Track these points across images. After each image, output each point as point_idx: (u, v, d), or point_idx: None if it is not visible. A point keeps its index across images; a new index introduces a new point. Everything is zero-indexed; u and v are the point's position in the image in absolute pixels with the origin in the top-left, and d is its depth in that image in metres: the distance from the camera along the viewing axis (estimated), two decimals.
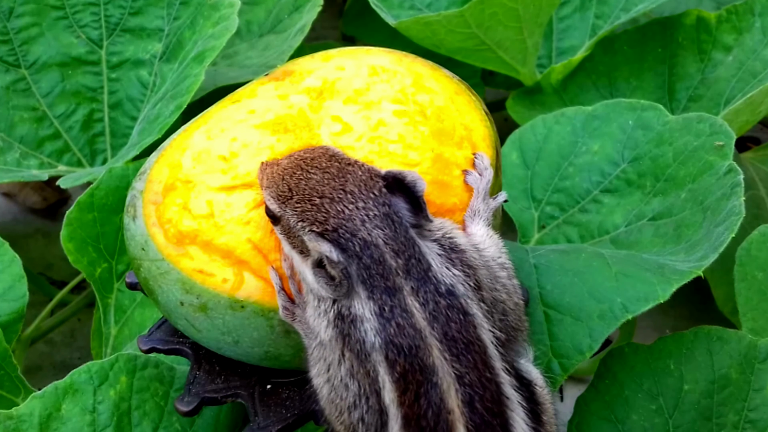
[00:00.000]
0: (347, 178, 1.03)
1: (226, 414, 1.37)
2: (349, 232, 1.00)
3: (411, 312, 1.00)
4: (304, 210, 1.03)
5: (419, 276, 1.00)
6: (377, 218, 1.01)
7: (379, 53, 1.31)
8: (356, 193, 1.02)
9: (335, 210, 1.01)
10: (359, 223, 1.00)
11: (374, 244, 1.00)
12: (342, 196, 1.02)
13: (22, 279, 1.56)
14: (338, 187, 1.03)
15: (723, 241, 1.31)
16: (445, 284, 1.01)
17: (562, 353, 1.32)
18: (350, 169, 1.05)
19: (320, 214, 1.02)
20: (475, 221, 1.16)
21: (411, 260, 1.00)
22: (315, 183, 1.04)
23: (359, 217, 1.01)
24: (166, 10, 1.84)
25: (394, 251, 1.00)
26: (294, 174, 1.06)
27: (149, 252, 1.18)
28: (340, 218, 1.01)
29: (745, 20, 1.82)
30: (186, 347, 1.27)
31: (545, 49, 1.99)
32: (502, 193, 1.21)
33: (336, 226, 1.01)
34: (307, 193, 1.03)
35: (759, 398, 1.34)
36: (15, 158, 1.82)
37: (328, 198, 1.02)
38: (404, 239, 1.01)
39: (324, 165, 1.05)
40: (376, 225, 1.00)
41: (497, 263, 1.12)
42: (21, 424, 1.32)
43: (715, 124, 1.50)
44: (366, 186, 1.03)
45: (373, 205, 1.01)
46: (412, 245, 1.01)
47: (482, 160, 1.19)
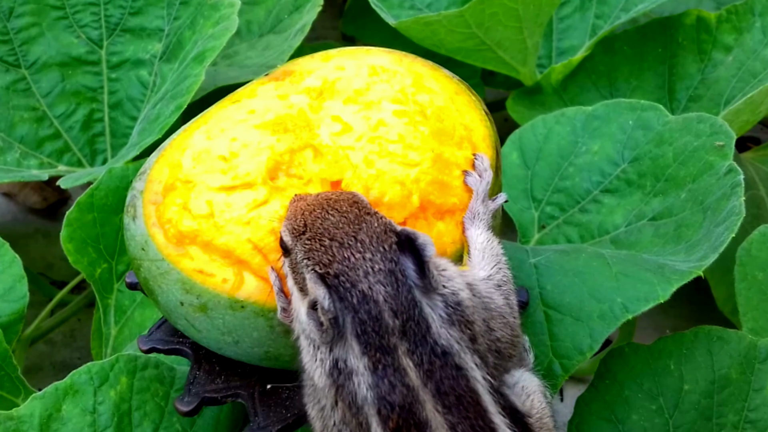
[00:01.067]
0: (362, 226, 1.01)
1: (226, 414, 1.37)
2: (350, 281, 0.98)
3: (405, 371, 0.98)
4: (312, 248, 1.01)
5: (416, 338, 0.99)
6: (381, 273, 0.99)
7: (379, 53, 1.31)
8: (366, 243, 1.00)
9: (342, 255, 1.00)
10: (362, 274, 0.98)
11: (374, 299, 0.98)
12: (352, 243, 1.00)
13: (23, 279, 1.56)
14: (350, 233, 1.01)
15: (723, 241, 1.31)
16: (442, 346, 0.99)
17: (563, 353, 1.32)
18: (367, 218, 1.03)
19: (326, 256, 1.00)
20: (475, 224, 1.16)
21: (409, 322, 0.98)
22: (329, 224, 1.02)
23: (363, 268, 0.99)
24: (166, 10, 1.84)
25: (393, 311, 0.98)
26: (313, 212, 1.04)
27: (149, 252, 1.18)
28: (345, 265, 0.99)
29: (745, 20, 1.82)
30: (186, 347, 1.27)
31: (545, 49, 1.99)
32: (502, 194, 1.21)
33: (338, 272, 0.99)
34: (319, 233, 1.02)
35: (759, 398, 1.34)
36: (15, 158, 1.82)
37: (337, 242, 1.00)
38: (405, 300, 0.98)
39: (344, 209, 1.04)
40: (379, 280, 0.98)
41: (497, 294, 1.10)
42: (21, 424, 1.32)
43: (716, 124, 1.50)
44: (378, 238, 1.00)
45: (381, 259, 0.99)
46: (413, 307, 0.99)
47: (482, 162, 1.19)
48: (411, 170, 1.17)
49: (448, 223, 1.17)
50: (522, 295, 1.35)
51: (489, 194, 1.19)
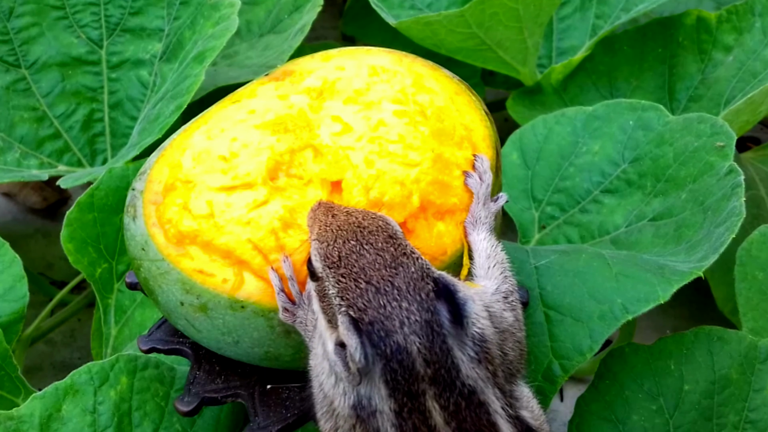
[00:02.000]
0: (399, 271, 0.99)
1: (226, 414, 1.37)
2: (384, 331, 0.96)
3: (429, 413, 0.98)
4: (347, 288, 0.99)
5: (446, 383, 0.98)
6: (417, 324, 0.96)
7: (379, 53, 1.31)
8: (403, 291, 0.97)
9: (378, 303, 0.97)
10: (398, 325, 0.96)
11: (407, 350, 0.96)
12: (388, 289, 0.97)
13: (23, 279, 1.56)
14: (387, 277, 0.98)
15: (723, 242, 1.31)
16: (469, 387, 0.99)
17: (563, 354, 1.32)
18: (404, 261, 1.00)
19: (362, 300, 0.98)
20: (477, 228, 1.16)
21: (441, 370, 0.97)
22: (365, 263, 0.99)
23: (399, 318, 0.96)
24: (166, 10, 1.84)
25: (426, 361, 0.96)
26: (347, 242, 1.01)
27: (149, 252, 1.18)
28: (380, 313, 0.97)
29: (745, 20, 1.82)
30: (186, 347, 1.27)
31: (545, 49, 1.99)
32: (503, 195, 1.20)
33: (373, 319, 0.97)
34: (355, 271, 0.99)
35: (759, 398, 1.34)
36: (15, 158, 1.82)
37: (374, 287, 0.98)
38: (439, 350, 0.97)
39: (380, 246, 1.01)
40: (414, 331, 0.96)
41: (507, 310, 1.10)
42: (22, 424, 1.32)
43: (716, 124, 1.50)
44: (415, 286, 0.98)
45: (417, 309, 0.97)
46: (446, 355, 0.98)
47: (482, 163, 1.19)
48: (411, 170, 1.17)
49: (448, 223, 1.17)
50: (522, 295, 1.35)
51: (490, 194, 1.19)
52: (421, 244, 1.15)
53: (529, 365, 1.32)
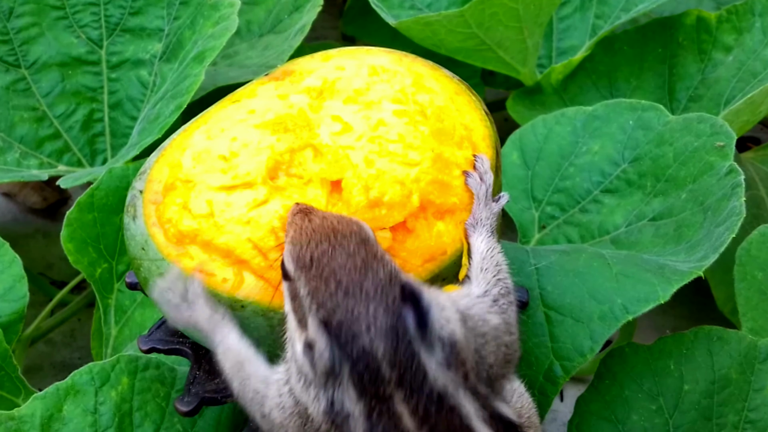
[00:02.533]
0: (368, 275, 1.00)
1: (227, 415, 1.37)
2: (351, 333, 0.97)
3: (399, 417, 0.99)
4: (318, 289, 1.00)
5: (413, 386, 0.99)
6: (382, 328, 0.97)
7: (379, 53, 1.31)
8: (371, 296, 0.99)
9: (346, 306, 0.98)
10: (364, 328, 0.97)
11: (372, 354, 0.97)
12: (357, 292, 0.99)
13: (23, 279, 1.56)
14: (357, 281, 0.99)
15: (723, 242, 1.31)
16: (438, 390, 1.00)
17: (563, 355, 1.32)
18: (374, 265, 1.01)
19: (331, 302, 0.99)
20: (478, 230, 1.15)
21: (407, 373, 0.98)
22: (336, 266, 1.00)
23: (366, 322, 0.98)
24: (166, 10, 1.84)
25: (391, 364, 0.98)
26: (320, 244, 1.02)
27: (149, 252, 1.18)
28: (348, 316, 0.98)
29: (745, 20, 1.82)
30: (186, 347, 1.27)
31: (545, 49, 1.99)
32: (504, 195, 1.20)
33: (341, 321, 0.98)
34: (325, 273, 1.00)
35: (759, 398, 1.34)
36: (15, 158, 1.82)
37: (343, 289, 0.99)
38: (404, 354, 0.98)
39: (351, 249, 1.02)
40: (379, 336, 0.97)
41: (492, 313, 1.10)
42: (22, 424, 1.32)
43: (716, 124, 1.50)
44: (383, 291, 0.99)
45: (383, 313, 0.98)
46: (412, 359, 0.99)
47: (482, 163, 1.19)
48: (411, 170, 1.17)
49: (448, 222, 1.17)
50: (522, 295, 1.35)
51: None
52: (421, 243, 1.15)
53: (530, 366, 1.32)
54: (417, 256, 1.15)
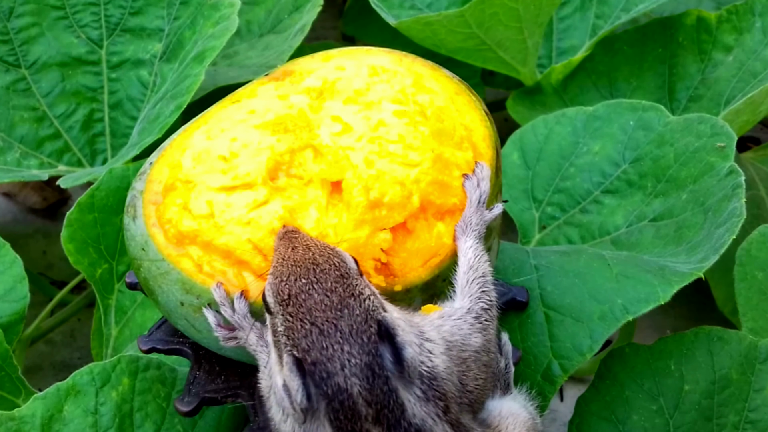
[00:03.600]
0: (343, 313, 1.01)
1: (227, 415, 1.37)
2: (326, 372, 0.98)
3: None
4: (294, 328, 1.01)
5: (390, 422, 0.99)
6: (357, 367, 0.98)
7: (379, 53, 1.31)
8: (345, 335, 0.99)
9: (320, 345, 0.99)
10: (339, 367, 0.98)
11: (348, 391, 0.98)
12: (332, 332, 0.99)
13: (24, 280, 1.56)
14: (332, 319, 1.00)
15: (724, 243, 1.31)
16: (415, 425, 1.00)
17: (563, 354, 1.32)
18: (350, 302, 1.01)
19: (306, 341, 1.00)
20: (466, 234, 1.15)
21: (384, 410, 0.99)
22: (312, 304, 1.01)
23: (340, 360, 0.98)
24: (166, 10, 1.84)
25: (367, 401, 0.98)
26: (299, 279, 1.03)
27: (149, 252, 1.18)
28: (323, 355, 0.99)
29: (745, 20, 1.82)
30: (186, 347, 1.27)
31: (545, 49, 1.99)
32: (499, 205, 1.20)
33: (315, 361, 0.99)
34: (302, 311, 1.01)
35: (759, 399, 1.34)
36: (15, 158, 1.82)
37: (318, 328, 1.00)
38: (381, 391, 0.99)
39: (329, 286, 1.02)
40: (355, 373, 0.98)
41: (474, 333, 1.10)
42: (23, 425, 1.32)
43: (717, 125, 1.50)
44: (358, 329, 1.00)
45: (358, 352, 0.99)
46: (388, 396, 0.99)
47: (482, 170, 1.18)
48: (411, 170, 1.17)
49: (448, 223, 1.17)
50: (522, 295, 1.35)
51: (489, 194, 1.19)
52: (421, 244, 1.15)
53: (528, 365, 1.32)
54: (417, 256, 1.15)
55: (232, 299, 1.12)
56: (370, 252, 1.13)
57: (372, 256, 1.13)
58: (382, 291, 1.11)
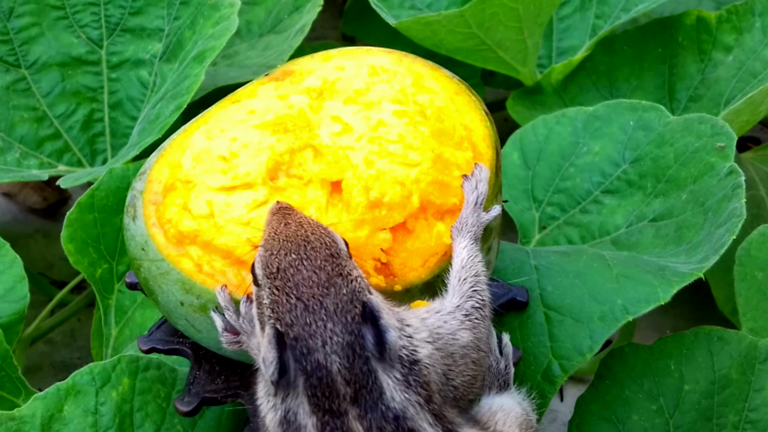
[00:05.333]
0: (330, 291, 1.01)
1: (228, 416, 1.37)
2: (306, 348, 0.99)
3: None
4: (279, 302, 1.01)
5: (368, 404, 1.00)
6: (338, 345, 0.99)
7: (379, 53, 1.31)
8: (330, 312, 1.00)
9: (304, 320, 0.99)
10: (320, 343, 0.99)
11: (327, 368, 0.98)
12: (317, 308, 1.00)
13: (24, 280, 1.56)
14: (318, 296, 1.00)
15: (724, 243, 1.31)
16: (394, 410, 1.00)
17: (563, 354, 1.32)
18: (337, 281, 1.02)
19: (290, 315, 1.00)
20: (462, 235, 1.15)
21: (362, 390, 0.99)
22: (300, 279, 1.01)
23: (322, 337, 0.99)
24: (166, 10, 1.84)
25: (346, 380, 0.99)
26: (289, 254, 1.03)
27: (149, 252, 1.18)
28: (305, 331, 0.99)
29: (745, 20, 1.82)
30: (186, 347, 1.27)
31: (545, 49, 1.99)
32: (496, 207, 1.19)
33: (297, 336, 0.99)
34: (289, 285, 1.01)
35: (759, 399, 1.34)
36: (15, 158, 1.82)
37: (303, 303, 1.00)
38: (360, 371, 0.99)
39: (318, 263, 1.02)
40: (335, 351, 0.99)
41: (463, 329, 1.10)
42: (23, 425, 1.32)
43: (717, 125, 1.50)
44: (342, 308, 1.00)
45: (341, 330, 0.99)
46: (367, 376, 1.00)
47: (480, 172, 1.18)
48: (411, 170, 1.17)
49: (448, 223, 1.17)
50: (522, 295, 1.35)
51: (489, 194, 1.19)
52: (421, 244, 1.15)
53: (528, 365, 1.32)
54: (417, 256, 1.15)
55: (236, 300, 1.13)
56: (370, 252, 1.13)
57: (372, 256, 1.13)
58: (381, 291, 1.11)
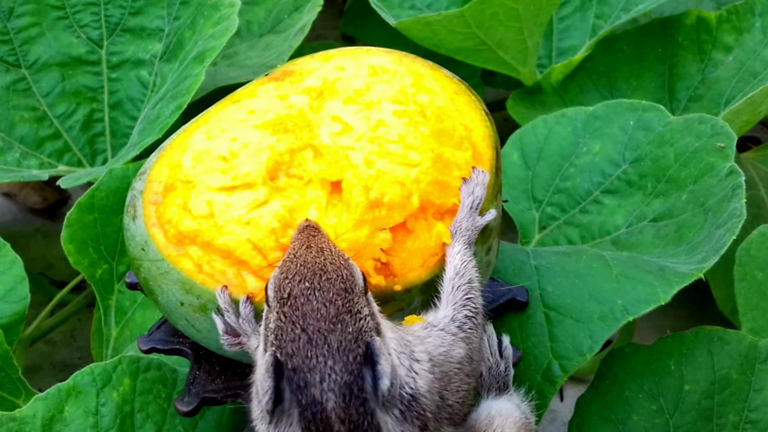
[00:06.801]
0: (336, 328, 1.00)
1: (228, 416, 1.37)
2: (304, 381, 0.98)
3: None
4: (283, 329, 1.00)
5: None
6: (336, 384, 0.98)
7: (379, 53, 1.31)
8: (332, 350, 0.99)
9: (305, 353, 0.99)
10: (318, 379, 0.98)
11: (321, 405, 0.98)
12: (320, 343, 0.99)
13: (24, 281, 1.56)
14: (323, 330, 0.99)
15: (724, 243, 1.31)
16: None
17: (563, 354, 1.32)
18: (345, 318, 1.00)
19: (292, 345, 0.99)
20: (455, 239, 1.15)
21: (356, 430, 0.99)
22: (309, 310, 1.00)
23: (321, 373, 0.98)
24: (167, 10, 1.84)
25: (341, 419, 0.98)
26: (303, 281, 1.02)
27: (149, 252, 1.18)
28: (305, 364, 0.98)
29: (745, 20, 1.82)
30: (186, 347, 1.27)
31: (545, 49, 1.99)
32: (492, 211, 1.19)
33: (296, 367, 0.98)
34: (296, 315, 1.00)
35: (759, 399, 1.34)
36: (15, 158, 1.82)
37: (307, 336, 0.99)
38: (356, 411, 0.98)
39: (329, 297, 1.01)
40: (332, 389, 0.98)
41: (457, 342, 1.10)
42: (24, 425, 1.32)
43: (717, 125, 1.50)
44: (346, 347, 0.99)
45: (340, 369, 0.98)
46: (364, 417, 0.99)
47: (477, 176, 1.18)
48: (411, 170, 1.17)
49: (448, 223, 1.17)
50: (522, 295, 1.35)
51: (489, 194, 1.19)
52: (421, 244, 1.15)
53: (528, 365, 1.32)
54: (417, 256, 1.15)
55: (236, 301, 1.13)
56: (370, 252, 1.13)
57: (372, 256, 1.13)
58: (381, 291, 1.12)
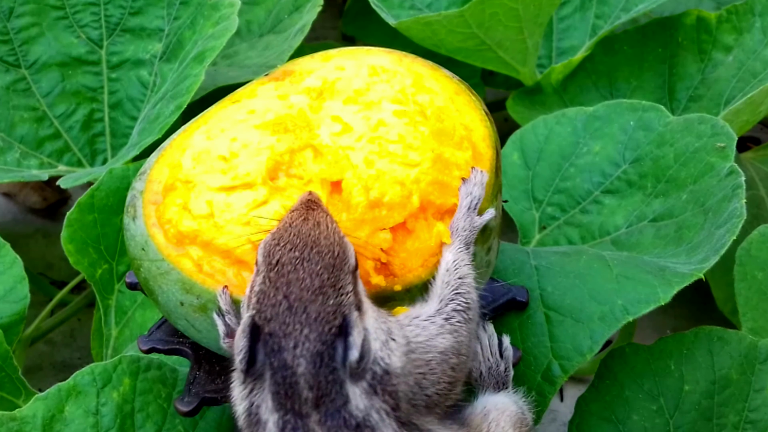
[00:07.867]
0: (317, 299, 1.01)
1: (228, 416, 1.37)
2: (278, 345, 0.99)
3: None
4: (266, 293, 1.02)
5: (329, 411, 1.00)
6: (308, 351, 0.99)
7: (379, 53, 1.31)
8: (310, 319, 1.00)
9: (283, 319, 1.00)
10: (291, 345, 0.99)
11: (292, 370, 0.99)
12: (299, 311, 1.00)
13: (24, 281, 1.56)
14: (305, 300, 1.01)
15: (724, 243, 1.31)
16: (357, 418, 1.01)
17: (563, 355, 1.32)
18: (327, 291, 1.02)
19: (271, 309, 1.01)
20: (452, 238, 1.15)
21: (324, 398, 1.00)
22: (292, 279, 1.02)
23: (295, 340, 0.99)
24: (166, 10, 1.84)
25: (309, 385, 0.99)
26: (294, 249, 1.03)
27: (149, 252, 1.18)
28: (281, 329, 1.00)
29: (745, 20, 1.82)
30: (186, 347, 1.27)
31: (545, 49, 1.99)
32: (490, 210, 1.19)
33: (272, 332, 1.00)
34: (280, 282, 1.02)
35: (759, 399, 1.34)
36: (15, 158, 1.82)
37: (288, 303, 1.01)
38: (325, 379, 0.99)
39: (317, 269, 1.02)
40: (303, 355, 0.99)
41: (443, 333, 1.10)
42: (24, 425, 1.32)
43: (717, 125, 1.50)
44: (323, 319, 1.00)
45: (315, 338, 0.99)
46: (332, 385, 1.00)
47: (476, 176, 1.18)
48: (411, 170, 1.17)
49: (448, 223, 1.17)
50: (522, 295, 1.35)
51: (489, 194, 1.19)
52: (421, 244, 1.15)
53: (528, 366, 1.32)
54: (417, 256, 1.15)
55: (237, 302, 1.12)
56: (370, 252, 1.13)
57: (372, 255, 1.13)
58: (381, 291, 1.12)
